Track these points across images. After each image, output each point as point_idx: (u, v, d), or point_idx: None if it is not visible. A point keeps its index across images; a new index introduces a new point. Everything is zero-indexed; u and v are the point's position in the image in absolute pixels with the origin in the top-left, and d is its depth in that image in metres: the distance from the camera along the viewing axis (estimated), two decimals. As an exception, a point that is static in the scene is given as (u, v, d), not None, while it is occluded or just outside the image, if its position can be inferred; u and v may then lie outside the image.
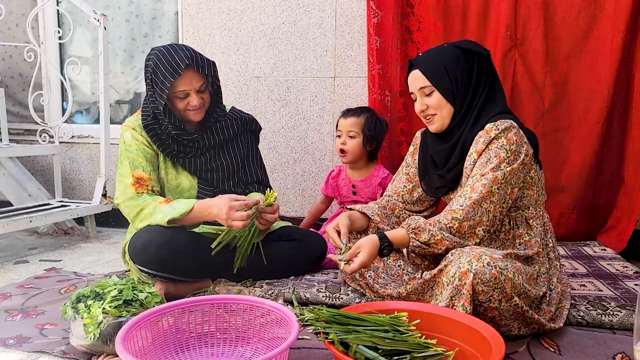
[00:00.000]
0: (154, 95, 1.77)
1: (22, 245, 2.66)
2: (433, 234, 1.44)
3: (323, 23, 2.70)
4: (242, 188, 1.96)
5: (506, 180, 1.45)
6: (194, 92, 1.77)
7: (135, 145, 1.82)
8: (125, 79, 3.26)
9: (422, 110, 1.61)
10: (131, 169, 1.80)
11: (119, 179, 1.82)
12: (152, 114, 1.81)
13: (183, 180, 1.89)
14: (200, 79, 1.77)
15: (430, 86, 1.57)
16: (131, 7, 3.16)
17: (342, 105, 2.71)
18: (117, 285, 1.40)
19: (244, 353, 1.32)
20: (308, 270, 2.00)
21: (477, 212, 1.43)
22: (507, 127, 1.47)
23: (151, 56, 1.78)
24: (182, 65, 1.70)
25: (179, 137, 1.83)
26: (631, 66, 2.35)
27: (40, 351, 1.39)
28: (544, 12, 2.37)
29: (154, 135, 1.83)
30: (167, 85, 1.71)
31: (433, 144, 1.69)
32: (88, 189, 3.14)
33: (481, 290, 1.28)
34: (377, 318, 1.21)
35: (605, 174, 2.47)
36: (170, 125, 1.79)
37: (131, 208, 1.77)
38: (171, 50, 1.75)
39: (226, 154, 1.95)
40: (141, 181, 1.80)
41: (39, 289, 1.89)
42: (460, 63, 1.55)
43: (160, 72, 1.72)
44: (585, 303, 1.62)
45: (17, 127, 3.26)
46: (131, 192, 1.78)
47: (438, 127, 1.61)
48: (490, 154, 1.46)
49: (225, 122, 1.95)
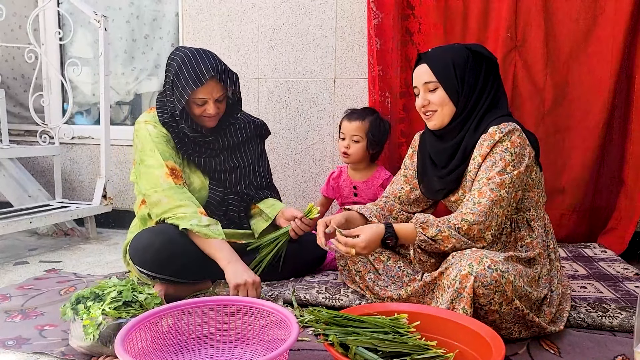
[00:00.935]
0: (172, 96, 1.77)
1: (22, 246, 2.66)
2: (441, 230, 1.44)
3: (323, 24, 2.71)
4: (253, 191, 1.96)
5: (513, 184, 1.45)
6: (212, 101, 1.77)
7: (161, 137, 1.81)
8: (125, 80, 3.26)
9: (423, 105, 1.60)
10: (164, 159, 1.77)
11: (146, 171, 1.77)
12: (169, 112, 1.82)
13: (195, 179, 1.88)
14: (220, 89, 1.77)
15: (436, 82, 1.56)
16: (132, 9, 3.17)
17: (343, 107, 2.71)
18: (117, 287, 1.40)
19: (244, 355, 1.32)
20: (308, 271, 2.00)
21: (487, 217, 1.42)
22: (511, 130, 1.47)
23: (176, 57, 1.77)
24: (207, 75, 1.70)
25: (195, 139, 1.84)
26: (631, 68, 2.35)
27: (40, 352, 1.38)
28: (544, 13, 2.37)
29: (172, 132, 1.82)
30: (188, 92, 1.71)
31: (432, 143, 1.68)
32: (88, 190, 3.14)
33: (482, 293, 1.28)
34: (377, 320, 1.21)
35: (605, 175, 2.47)
36: (187, 127, 1.80)
37: (171, 198, 1.72)
38: (197, 56, 1.74)
39: (239, 157, 1.95)
40: (175, 172, 1.78)
41: (39, 290, 1.89)
42: (469, 64, 1.55)
43: (184, 76, 1.72)
44: (586, 305, 1.62)
45: (18, 128, 3.27)
46: (169, 183, 1.74)
47: (437, 124, 1.60)
48: (495, 157, 1.46)
49: (240, 125, 1.95)
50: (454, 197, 1.63)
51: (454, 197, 1.63)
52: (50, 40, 3.19)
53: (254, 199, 1.96)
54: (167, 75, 1.80)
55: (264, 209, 1.93)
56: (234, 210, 1.92)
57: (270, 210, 1.92)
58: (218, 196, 1.89)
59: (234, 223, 1.92)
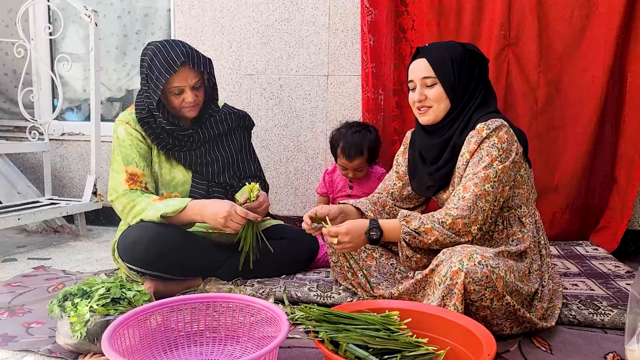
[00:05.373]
0: (148, 90, 1.77)
1: (11, 243, 2.63)
2: (424, 222, 1.44)
3: (316, 21, 2.69)
4: (236, 181, 1.95)
5: (499, 179, 1.45)
6: (189, 88, 1.76)
7: (129, 140, 1.81)
8: (117, 76, 3.23)
9: (419, 100, 1.58)
10: (124, 165, 1.78)
11: (112, 175, 1.80)
12: (146, 108, 1.81)
13: (177, 174, 1.87)
14: (195, 75, 1.77)
15: (434, 77, 1.55)
16: (123, 4, 3.14)
17: (336, 104, 2.71)
18: (105, 284, 1.38)
19: (234, 352, 1.31)
20: (299, 269, 1.99)
21: (472, 211, 1.42)
22: (498, 126, 1.47)
23: (147, 51, 1.78)
24: (178, 61, 1.70)
25: (174, 132, 1.82)
26: (624, 66, 2.35)
27: (26, 350, 1.36)
28: (537, 11, 2.37)
29: (148, 129, 1.82)
30: (162, 80, 1.71)
31: (422, 139, 1.67)
32: (78, 186, 3.11)
33: (473, 289, 1.27)
34: (368, 317, 1.20)
35: (598, 173, 2.47)
36: (165, 120, 1.79)
37: (124, 204, 1.75)
38: (167, 46, 1.75)
39: (220, 148, 1.94)
40: (135, 177, 1.78)
41: (27, 287, 1.87)
42: (464, 62, 1.55)
43: (156, 67, 1.72)
44: (577, 302, 1.62)
45: (7, 124, 3.23)
46: (124, 188, 1.76)
47: (430, 119, 1.59)
48: (482, 153, 1.46)
49: (220, 116, 1.94)
50: (444, 195, 1.63)
51: (445, 194, 1.62)
52: (40, 35, 3.15)
53: (237, 189, 1.94)
54: (141, 70, 1.80)
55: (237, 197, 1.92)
56: None
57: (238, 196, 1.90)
58: (202, 189, 1.88)
59: None
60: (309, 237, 2.03)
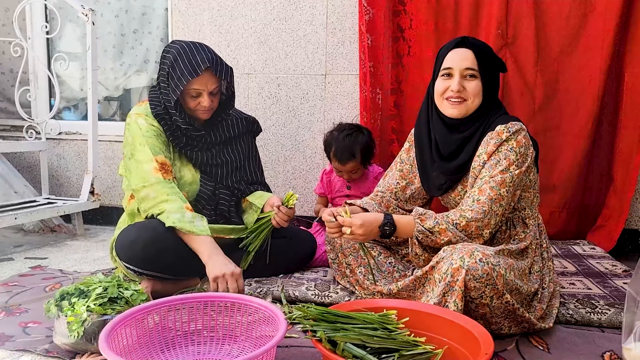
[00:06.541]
0: (167, 88, 1.77)
1: (8, 242, 2.62)
2: (438, 222, 1.45)
3: (314, 20, 2.69)
4: (243, 186, 1.95)
5: (514, 183, 1.45)
6: (207, 93, 1.77)
7: (152, 131, 1.79)
8: (114, 75, 3.22)
9: (458, 90, 1.52)
10: (153, 154, 1.75)
11: (135, 165, 1.75)
12: (162, 104, 1.81)
13: (186, 173, 1.86)
14: (215, 82, 1.78)
15: (477, 71, 1.52)
16: (121, 3, 3.13)
17: (334, 103, 2.70)
18: (102, 283, 1.38)
19: (231, 351, 1.30)
20: (297, 268, 1.99)
21: (486, 215, 1.43)
22: (518, 130, 1.47)
23: (171, 49, 1.78)
24: (202, 66, 1.71)
25: (188, 132, 1.83)
26: (621, 65, 2.36)
27: (23, 350, 1.36)
28: (535, 11, 2.37)
29: (165, 125, 1.81)
30: (183, 82, 1.71)
31: (441, 131, 1.61)
32: (76, 186, 3.10)
33: (473, 286, 1.28)
34: (366, 316, 1.20)
35: (595, 173, 2.48)
36: (180, 119, 1.79)
37: (158, 193, 1.70)
38: (193, 48, 1.77)
39: (230, 152, 1.95)
40: (165, 167, 1.76)
41: (24, 287, 1.86)
42: (496, 63, 1.57)
43: (179, 67, 1.73)
44: (575, 301, 1.62)
45: (4, 123, 3.22)
46: (157, 177, 1.72)
47: (462, 113, 1.54)
48: (500, 156, 1.46)
49: (231, 121, 1.95)
50: (453, 193, 1.63)
51: (454, 193, 1.62)
52: (37, 34, 3.13)
53: (245, 193, 1.94)
54: (161, 67, 1.80)
55: (253, 200, 1.92)
56: (225, 205, 1.90)
57: (258, 201, 1.92)
58: (209, 190, 1.88)
59: (224, 217, 1.91)
60: (307, 237, 2.03)
